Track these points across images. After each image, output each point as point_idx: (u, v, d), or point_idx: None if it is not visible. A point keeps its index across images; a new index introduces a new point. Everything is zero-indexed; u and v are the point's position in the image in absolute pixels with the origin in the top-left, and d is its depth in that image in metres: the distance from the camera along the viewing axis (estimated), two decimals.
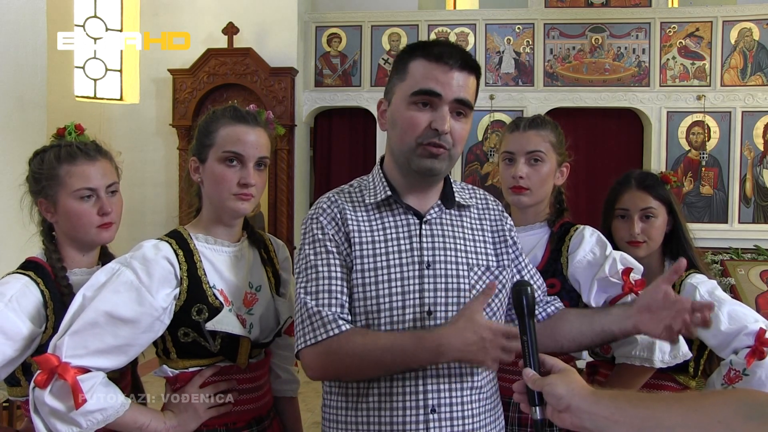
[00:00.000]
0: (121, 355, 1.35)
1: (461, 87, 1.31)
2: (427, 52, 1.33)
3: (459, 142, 1.34)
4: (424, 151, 1.32)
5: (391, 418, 1.30)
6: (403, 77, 1.35)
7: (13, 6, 4.05)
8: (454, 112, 1.32)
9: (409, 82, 1.33)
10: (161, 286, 1.38)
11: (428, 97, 1.31)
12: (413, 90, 1.32)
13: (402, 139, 1.34)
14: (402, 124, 1.34)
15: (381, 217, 1.38)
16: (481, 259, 1.40)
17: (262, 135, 1.51)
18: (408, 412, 1.29)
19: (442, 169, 1.35)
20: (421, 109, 1.32)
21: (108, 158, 1.57)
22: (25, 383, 1.45)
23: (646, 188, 1.85)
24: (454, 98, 1.31)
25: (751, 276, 5.16)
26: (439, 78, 1.30)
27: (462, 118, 1.34)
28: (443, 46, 1.33)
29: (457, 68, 1.31)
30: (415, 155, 1.33)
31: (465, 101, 1.32)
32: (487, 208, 1.47)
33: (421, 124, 1.31)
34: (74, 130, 1.56)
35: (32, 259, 1.52)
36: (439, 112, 1.31)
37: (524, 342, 1.08)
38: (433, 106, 1.31)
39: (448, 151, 1.33)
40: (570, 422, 0.97)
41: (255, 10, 6.50)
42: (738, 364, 1.63)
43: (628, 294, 1.63)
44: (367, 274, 1.33)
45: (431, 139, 1.31)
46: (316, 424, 1.46)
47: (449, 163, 1.35)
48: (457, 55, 1.32)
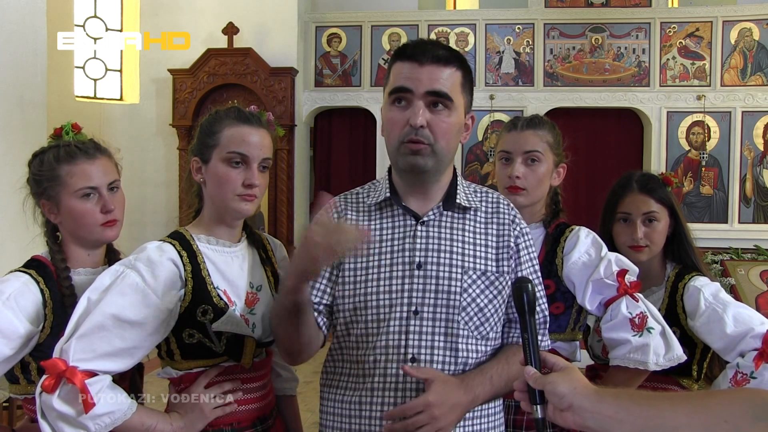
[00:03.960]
0: (127, 358, 1.35)
1: (433, 79, 1.32)
2: (401, 52, 1.36)
3: (441, 136, 1.33)
4: (405, 148, 1.33)
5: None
6: (387, 81, 1.39)
7: (13, 6, 4.04)
8: (431, 105, 1.33)
9: (389, 84, 1.38)
10: (167, 287, 1.38)
11: (401, 94, 1.33)
12: (389, 89, 1.36)
13: (388, 141, 1.38)
14: (386, 125, 1.38)
15: (380, 218, 1.40)
16: (479, 263, 1.39)
17: (266, 136, 1.51)
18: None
19: (428, 166, 1.34)
20: (398, 108, 1.35)
21: (107, 155, 1.57)
22: (24, 381, 1.45)
23: (649, 191, 1.83)
24: (425, 91, 1.32)
25: (751, 276, 5.16)
26: (410, 75, 1.32)
27: (441, 111, 1.34)
28: (417, 45, 1.35)
29: (428, 62, 1.32)
30: (399, 154, 1.35)
31: (438, 92, 1.32)
32: (497, 213, 1.45)
33: (399, 122, 1.34)
34: (71, 130, 1.56)
35: (36, 257, 1.52)
36: (413, 108, 1.32)
37: (525, 340, 1.07)
38: (408, 102, 1.33)
39: (429, 146, 1.33)
40: (572, 421, 0.96)
41: (255, 10, 6.50)
42: (745, 367, 1.62)
43: (623, 296, 1.62)
44: (358, 272, 1.36)
45: (409, 136, 1.32)
46: (316, 424, 1.47)
47: (435, 158, 1.34)
48: (429, 50, 1.33)
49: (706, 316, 1.68)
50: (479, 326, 1.36)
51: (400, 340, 1.32)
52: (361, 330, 1.35)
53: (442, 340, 1.33)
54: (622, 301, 1.62)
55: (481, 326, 1.37)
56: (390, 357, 1.32)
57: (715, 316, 1.67)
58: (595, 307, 1.67)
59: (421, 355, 1.32)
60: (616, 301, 1.63)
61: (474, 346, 1.36)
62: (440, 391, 1.25)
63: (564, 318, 1.71)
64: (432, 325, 1.33)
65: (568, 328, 1.72)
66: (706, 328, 1.68)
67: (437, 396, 1.24)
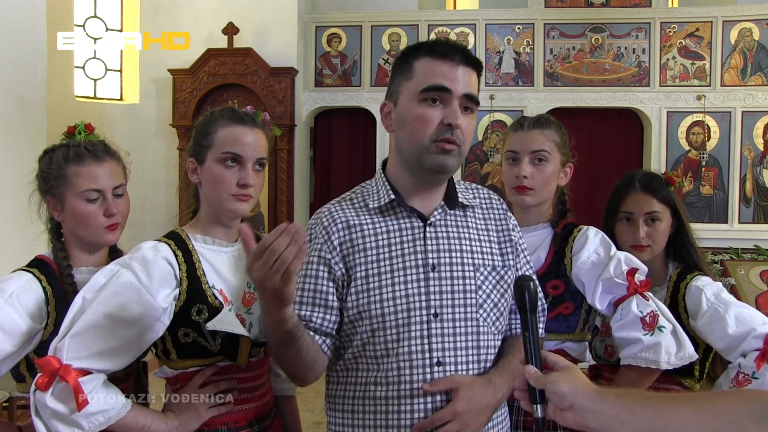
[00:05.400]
0: (122, 357, 1.35)
1: (468, 83, 1.33)
2: (431, 49, 1.34)
3: (468, 139, 1.36)
4: (437, 147, 1.32)
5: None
6: (408, 76, 1.35)
7: (13, 6, 4.04)
8: (463, 107, 1.33)
9: (416, 80, 1.34)
10: (161, 286, 1.38)
11: (438, 93, 1.31)
12: (423, 87, 1.32)
13: (413, 138, 1.34)
14: (413, 122, 1.34)
15: (385, 222, 1.38)
16: (487, 259, 1.39)
17: (260, 136, 1.51)
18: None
19: (453, 166, 1.35)
20: (431, 105, 1.32)
21: (116, 159, 1.58)
22: (30, 379, 1.45)
23: (651, 191, 1.82)
24: (463, 93, 1.32)
25: (751, 276, 5.16)
26: (447, 74, 1.31)
27: (469, 114, 1.36)
28: (446, 44, 1.35)
29: (462, 64, 1.33)
30: (428, 153, 1.33)
31: (473, 96, 1.34)
32: (491, 207, 1.47)
33: (434, 120, 1.32)
34: (84, 130, 1.56)
35: (40, 257, 1.53)
36: (451, 107, 1.31)
37: (526, 338, 1.07)
38: (443, 101, 1.32)
39: (459, 147, 1.33)
40: (573, 421, 0.96)
41: (255, 10, 6.49)
42: (746, 368, 1.62)
43: (633, 295, 1.62)
44: (371, 279, 1.33)
45: (444, 135, 1.31)
46: (316, 424, 1.47)
47: (459, 159, 1.36)
48: (460, 51, 1.34)
49: (708, 316, 1.68)
50: (495, 321, 1.37)
51: (423, 345, 1.30)
52: (379, 338, 1.32)
53: (464, 340, 1.32)
54: (633, 300, 1.62)
55: (497, 321, 1.38)
56: (415, 363, 1.30)
57: (717, 316, 1.67)
58: (605, 306, 1.66)
59: (445, 358, 1.30)
60: (626, 300, 1.62)
61: (493, 342, 1.37)
62: (467, 397, 1.26)
63: (573, 318, 1.71)
64: (453, 327, 1.32)
65: (577, 328, 1.72)
66: (707, 328, 1.68)
67: (464, 403, 1.25)
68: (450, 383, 1.28)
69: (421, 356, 1.30)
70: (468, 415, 1.25)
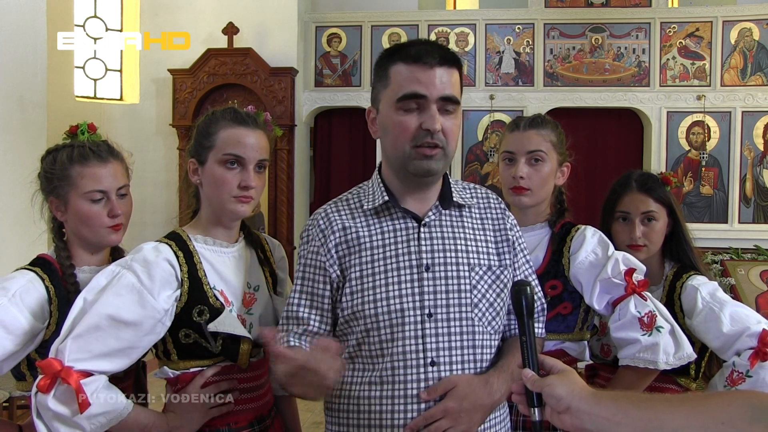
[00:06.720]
0: (123, 358, 1.36)
1: (445, 84, 1.31)
2: (404, 54, 1.33)
3: (452, 139, 1.34)
4: (418, 153, 1.32)
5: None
6: (386, 83, 1.35)
7: (13, 6, 4.04)
8: (442, 109, 1.32)
9: (393, 88, 1.33)
10: (162, 288, 1.38)
11: (414, 100, 1.31)
12: (398, 96, 1.32)
13: (395, 145, 1.35)
14: (393, 130, 1.34)
15: (380, 223, 1.39)
16: (482, 258, 1.39)
17: (262, 137, 1.51)
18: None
19: (439, 169, 1.35)
20: (409, 112, 1.32)
21: (119, 159, 1.58)
22: (31, 378, 1.46)
23: (647, 191, 1.83)
24: (440, 96, 1.31)
25: (751, 276, 5.15)
26: (421, 79, 1.30)
27: (451, 115, 1.34)
28: (419, 46, 1.33)
29: (437, 65, 1.31)
30: (410, 159, 1.33)
31: (451, 97, 1.32)
32: (489, 207, 1.47)
33: (411, 127, 1.31)
34: (87, 130, 1.56)
35: (42, 256, 1.54)
36: (428, 112, 1.31)
37: (523, 342, 1.07)
38: (420, 107, 1.31)
39: (442, 149, 1.33)
40: (570, 424, 0.96)
41: (255, 10, 6.49)
42: (741, 366, 1.63)
43: (631, 295, 1.62)
44: (365, 280, 1.34)
45: (424, 140, 1.31)
46: (316, 424, 1.47)
47: (445, 161, 1.35)
48: (435, 52, 1.31)
49: (703, 315, 1.69)
50: (491, 321, 1.37)
51: (416, 345, 1.31)
52: (374, 338, 1.33)
53: (458, 339, 1.33)
54: (631, 300, 1.62)
55: (493, 321, 1.38)
56: (409, 363, 1.30)
57: (712, 315, 1.67)
58: (603, 306, 1.66)
59: (440, 357, 1.31)
60: (624, 301, 1.62)
61: (489, 342, 1.37)
62: (461, 395, 1.26)
63: (572, 318, 1.71)
64: (447, 326, 1.32)
65: (576, 328, 1.72)
66: (703, 326, 1.69)
67: (456, 400, 1.25)
68: (446, 386, 1.28)
69: (415, 356, 1.30)
70: (459, 413, 1.25)
